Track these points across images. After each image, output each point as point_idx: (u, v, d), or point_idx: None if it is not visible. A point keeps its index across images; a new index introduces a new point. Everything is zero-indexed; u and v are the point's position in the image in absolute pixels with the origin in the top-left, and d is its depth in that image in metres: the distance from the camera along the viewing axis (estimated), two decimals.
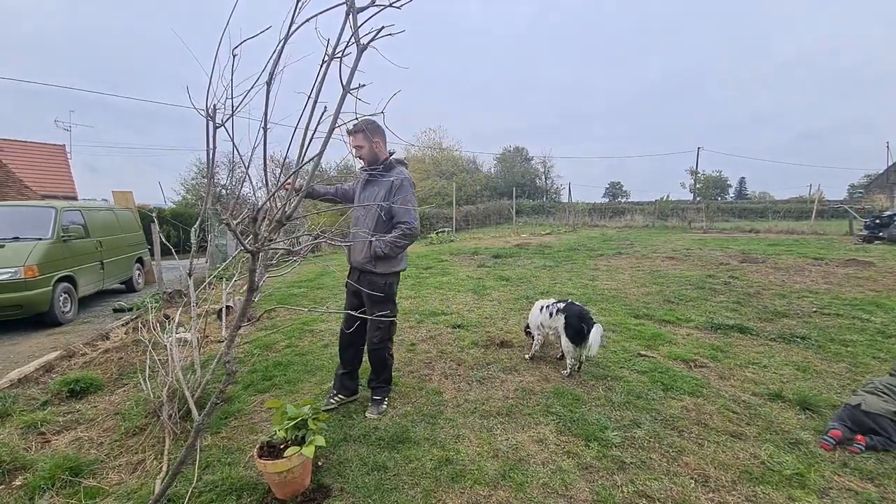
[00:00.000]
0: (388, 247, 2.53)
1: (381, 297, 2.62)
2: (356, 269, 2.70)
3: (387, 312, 2.63)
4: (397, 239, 2.54)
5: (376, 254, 2.54)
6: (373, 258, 2.56)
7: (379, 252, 2.53)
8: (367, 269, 2.61)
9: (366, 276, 2.64)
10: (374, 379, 2.80)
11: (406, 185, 2.60)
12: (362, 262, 2.60)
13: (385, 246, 2.52)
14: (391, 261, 2.62)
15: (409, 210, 2.56)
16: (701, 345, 3.79)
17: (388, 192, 2.56)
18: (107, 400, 3.08)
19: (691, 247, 10.55)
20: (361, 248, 2.58)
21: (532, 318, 3.50)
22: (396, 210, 2.55)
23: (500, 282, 6.59)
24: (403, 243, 2.58)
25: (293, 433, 2.06)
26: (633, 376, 3.13)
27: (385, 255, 2.55)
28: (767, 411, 2.64)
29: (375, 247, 2.52)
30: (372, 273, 2.61)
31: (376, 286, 2.61)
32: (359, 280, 2.68)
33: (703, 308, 4.95)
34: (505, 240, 13.37)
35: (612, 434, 2.38)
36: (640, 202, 32.09)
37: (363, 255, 2.58)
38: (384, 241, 2.53)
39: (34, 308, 5.71)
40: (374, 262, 2.58)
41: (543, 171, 41.64)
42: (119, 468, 2.29)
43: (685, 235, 14.55)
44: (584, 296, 5.56)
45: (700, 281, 6.32)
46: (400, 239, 2.55)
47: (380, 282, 2.62)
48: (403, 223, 2.56)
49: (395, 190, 2.56)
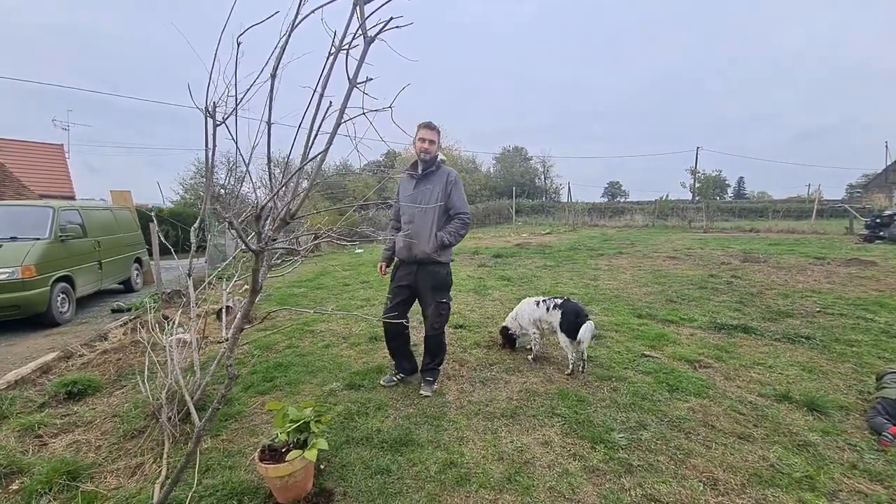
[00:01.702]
0: (453, 235, 2.85)
1: (442, 284, 2.91)
2: (414, 262, 2.89)
3: (446, 300, 2.94)
4: (459, 228, 2.88)
5: (443, 243, 2.80)
6: (439, 248, 2.81)
7: (446, 241, 2.81)
8: (432, 260, 2.84)
9: (428, 266, 2.86)
10: (431, 362, 3.01)
11: (459, 182, 2.92)
12: (429, 252, 2.81)
13: (450, 235, 2.83)
14: (449, 250, 2.91)
15: (465, 203, 2.92)
16: (705, 345, 3.76)
17: (445, 188, 2.84)
18: (105, 402, 3.04)
19: (692, 246, 10.53)
20: (427, 240, 2.80)
21: (524, 313, 3.47)
22: (455, 203, 2.86)
23: (501, 281, 6.56)
24: (464, 232, 2.92)
25: (295, 436, 2.03)
26: (638, 377, 3.10)
27: (450, 244, 2.84)
28: (775, 413, 2.61)
29: (442, 237, 2.80)
30: (437, 263, 2.86)
31: (439, 276, 2.89)
32: (417, 272, 2.89)
33: (705, 308, 4.92)
34: (505, 239, 13.34)
35: (618, 436, 2.35)
36: (639, 202, 32.07)
37: (430, 246, 2.80)
38: (448, 231, 2.84)
39: (32, 308, 5.66)
40: (439, 251, 2.82)
41: (543, 170, 41.65)
42: (117, 472, 2.25)
43: (685, 235, 14.54)
44: (587, 295, 5.53)
45: (702, 280, 6.30)
46: (461, 228, 2.89)
47: (443, 270, 2.91)
48: (463, 213, 2.89)
49: (452, 185, 2.86)
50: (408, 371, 3.12)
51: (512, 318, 3.58)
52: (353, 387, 3.05)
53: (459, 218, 2.88)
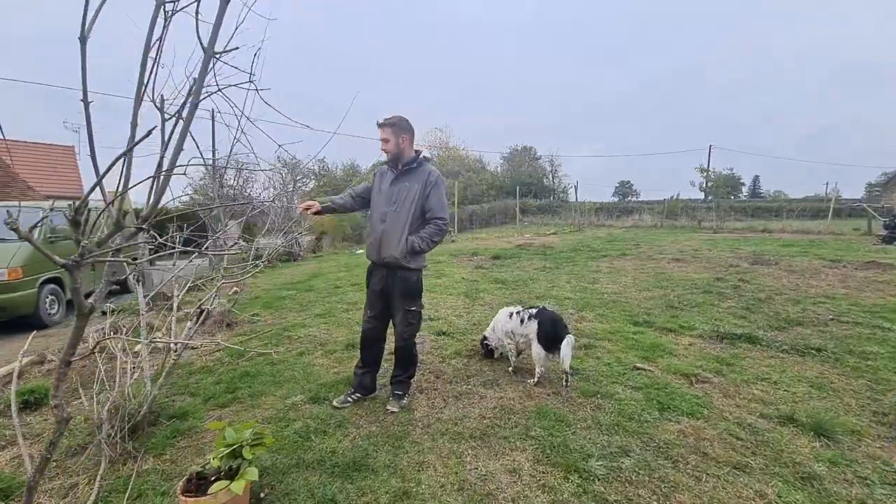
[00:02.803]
0: (426, 242, 2.59)
1: (412, 292, 2.68)
2: (384, 265, 2.68)
3: (415, 308, 2.71)
4: (433, 234, 2.62)
5: (414, 248, 2.56)
6: (409, 253, 2.57)
7: (417, 247, 2.56)
8: (400, 265, 2.61)
9: (397, 271, 2.64)
10: (401, 374, 2.81)
11: (440, 183, 2.66)
12: (398, 257, 2.59)
13: (422, 241, 2.58)
14: (421, 256, 2.67)
15: (443, 206, 2.66)
16: (704, 356, 3.48)
17: (423, 189, 2.61)
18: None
19: (700, 247, 10.14)
20: (398, 243, 2.58)
21: (498, 326, 3.24)
22: (432, 206, 2.61)
23: (494, 284, 6.31)
24: (438, 238, 2.65)
25: (228, 462, 1.83)
26: (627, 393, 2.84)
27: (421, 250, 2.60)
28: (777, 437, 2.33)
29: (413, 242, 2.56)
30: (406, 269, 2.62)
31: (409, 281, 2.65)
32: (387, 277, 2.68)
33: (709, 314, 4.62)
34: (507, 240, 13.06)
35: (595, 464, 2.10)
36: (649, 201, 31.44)
37: (400, 250, 2.57)
38: (421, 236, 2.58)
39: (18, 310, 5.60)
40: (408, 257, 2.59)
41: (551, 169, 41.16)
42: (51, 492, 2.08)
43: (694, 235, 14.08)
44: (582, 300, 5.26)
45: (707, 284, 5.97)
46: (436, 234, 2.63)
47: (412, 277, 2.66)
48: (439, 219, 2.63)
49: (431, 186, 2.62)
50: (367, 390, 2.85)
51: (490, 328, 3.35)
52: (317, 400, 2.85)
53: (435, 223, 2.63)
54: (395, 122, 2.62)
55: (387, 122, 2.63)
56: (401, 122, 2.63)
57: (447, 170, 29.89)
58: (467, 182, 28.51)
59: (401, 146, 2.63)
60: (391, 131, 2.61)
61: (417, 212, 2.62)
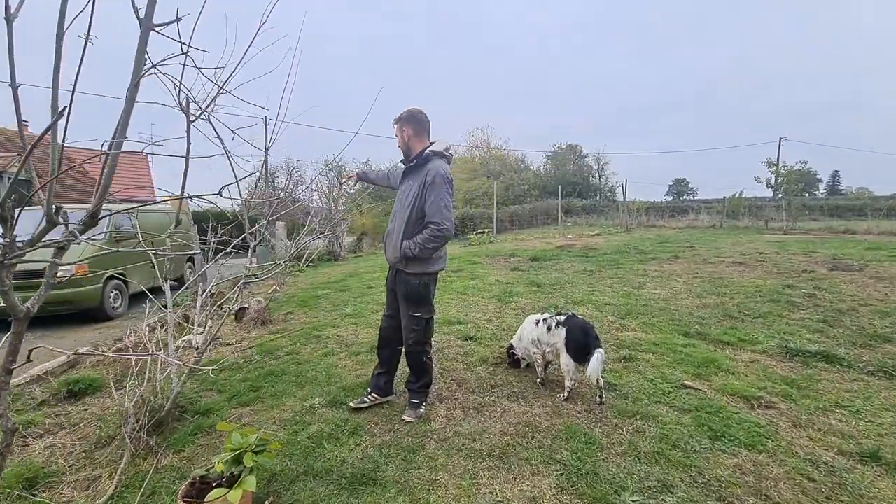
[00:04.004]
0: (418, 248, 2.40)
1: (414, 297, 2.53)
2: (391, 267, 2.65)
3: (420, 314, 2.54)
4: (427, 240, 2.40)
5: (405, 255, 2.44)
6: (403, 258, 2.46)
7: (408, 253, 2.42)
8: (401, 269, 2.53)
9: (401, 275, 2.55)
10: (414, 382, 2.67)
11: (438, 181, 2.39)
12: (394, 261, 2.54)
13: (414, 247, 2.41)
14: (424, 261, 2.48)
15: (440, 209, 2.39)
16: (770, 376, 3.02)
17: (421, 189, 2.42)
18: (99, 403, 3.05)
19: (766, 250, 9.14)
20: (395, 247, 2.50)
21: (524, 334, 3.00)
22: (428, 208, 2.40)
23: (530, 288, 6.02)
24: (433, 245, 2.42)
25: (230, 468, 1.78)
26: (672, 416, 2.51)
27: (413, 257, 2.43)
28: (857, 479, 1.93)
29: (405, 248, 2.43)
30: (406, 273, 2.51)
31: (410, 286, 2.52)
32: (394, 278, 2.62)
33: (776, 327, 4.06)
34: (548, 241, 12.57)
35: (630, 499, 1.83)
36: (707, 200, 29.16)
37: (395, 255, 2.50)
38: (413, 241, 2.42)
39: (84, 304, 6.14)
40: (404, 262, 2.48)
41: (597, 168, 39.48)
42: (75, 483, 2.15)
43: (760, 237, 12.78)
44: (625, 306, 4.84)
45: (775, 292, 5.30)
46: (430, 241, 2.40)
47: (413, 281, 2.51)
48: (434, 223, 2.39)
49: (427, 186, 2.39)
50: (382, 392, 2.74)
51: (517, 337, 3.12)
52: (335, 404, 2.79)
53: (429, 228, 2.40)
54: (401, 116, 2.54)
55: (397, 117, 2.57)
56: (407, 115, 2.53)
57: (488, 170, 29.53)
58: (508, 182, 27.97)
59: (407, 141, 2.54)
60: (399, 126, 2.56)
61: (414, 214, 2.44)
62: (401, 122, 2.54)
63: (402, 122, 2.54)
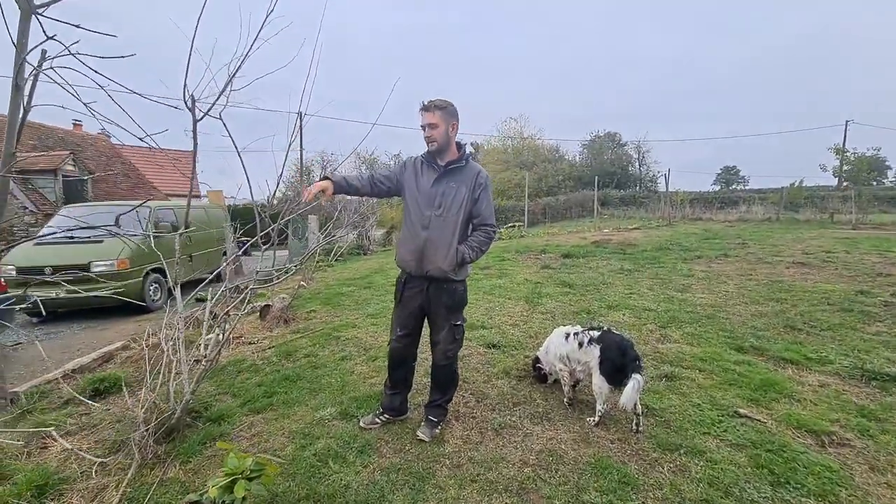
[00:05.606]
0: (476, 251, 2.30)
1: (460, 305, 2.40)
2: (427, 278, 2.33)
3: (461, 322, 2.43)
4: (483, 243, 2.33)
5: (464, 259, 2.28)
6: (458, 265, 2.30)
7: (468, 258, 2.28)
8: (447, 278, 2.31)
9: (443, 284, 2.34)
10: (440, 398, 2.49)
11: (490, 184, 2.39)
12: (446, 269, 2.28)
13: (472, 251, 2.29)
14: (466, 266, 2.38)
15: (493, 212, 2.40)
16: (843, 405, 2.58)
17: (472, 191, 2.29)
18: (122, 402, 3.07)
19: (833, 248, 8.19)
20: (446, 255, 2.26)
21: (552, 347, 2.70)
22: (482, 211, 2.32)
23: (560, 288, 5.65)
24: (487, 248, 2.38)
25: (222, 496, 1.66)
26: (723, 452, 2.16)
27: (471, 261, 2.33)
28: None
29: (463, 252, 2.27)
30: (453, 281, 2.34)
31: (457, 294, 2.37)
32: (429, 290, 2.35)
33: (848, 342, 3.52)
34: (582, 235, 11.98)
35: None
36: (761, 190, 26.92)
37: (448, 263, 2.27)
38: (471, 245, 2.30)
39: (126, 297, 6.43)
40: (456, 269, 2.30)
41: (638, 157, 37.49)
42: (83, 492, 2.13)
43: (825, 232, 11.55)
44: (667, 313, 4.41)
45: (846, 299, 4.66)
46: (485, 243, 2.35)
47: (460, 288, 2.39)
48: (488, 226, 2.35)
49: (481, 189, 2.31)
50: (396, 412, 2.56)
51: (543, 349, 2.84)
52: (346, 416, 2.65)
53: (484, 230, 2.33)
54: (444, 105, 2.24)
55: (434, 103, 2.24)
56: (451, 108, 2.27)
57: (521, 161, 28.78)
58: (542, 174, 27.14)
59: (450, 135, 2.28)
60: (441, 116, 2.23)
61: (465, 218, 2.31)
62: (445, 113, 2.24)
63: (448, 114, 2.25)
